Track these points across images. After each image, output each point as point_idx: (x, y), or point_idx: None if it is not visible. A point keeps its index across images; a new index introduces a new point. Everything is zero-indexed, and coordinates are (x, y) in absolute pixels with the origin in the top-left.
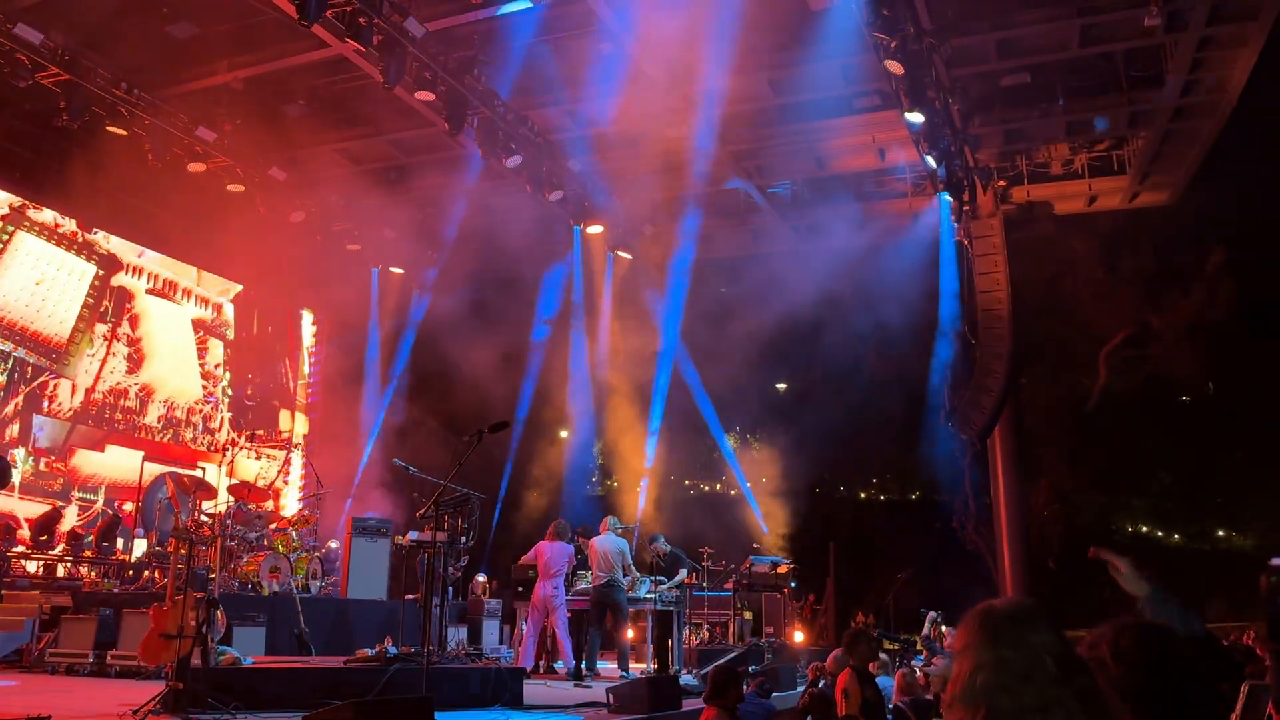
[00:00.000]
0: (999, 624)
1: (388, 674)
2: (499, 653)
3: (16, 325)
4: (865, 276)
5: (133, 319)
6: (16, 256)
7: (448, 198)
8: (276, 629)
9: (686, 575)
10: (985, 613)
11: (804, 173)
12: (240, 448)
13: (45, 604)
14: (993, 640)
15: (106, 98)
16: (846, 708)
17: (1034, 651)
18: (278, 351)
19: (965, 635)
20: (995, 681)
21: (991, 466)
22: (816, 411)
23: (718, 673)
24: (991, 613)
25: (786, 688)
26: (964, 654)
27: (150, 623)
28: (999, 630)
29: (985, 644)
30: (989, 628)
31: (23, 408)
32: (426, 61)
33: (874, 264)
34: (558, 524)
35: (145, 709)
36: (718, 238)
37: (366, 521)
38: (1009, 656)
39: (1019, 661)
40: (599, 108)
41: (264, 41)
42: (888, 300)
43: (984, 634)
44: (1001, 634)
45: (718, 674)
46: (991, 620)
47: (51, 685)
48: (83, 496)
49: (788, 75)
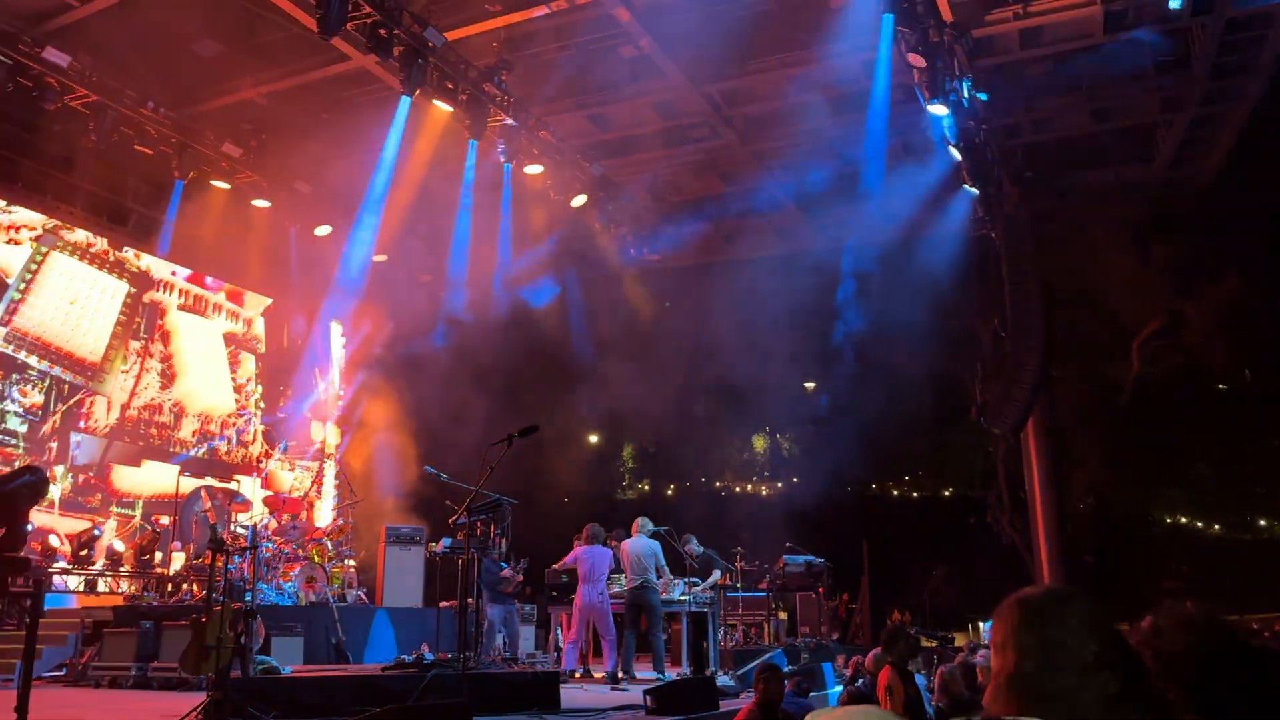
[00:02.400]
0: (1039, 607)
1: (425, 680)
2: (535, 658)
3: (52, 345)
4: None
5: (165, 335)
6: (51, 276)
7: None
8: (313, 638)
9: (720, 576)
10: (1024, 599)
11: (829, 170)
12: (274, 460)
13: (87, 618)
14: (1034, 624)
15: (134, 117)
16: (891, 705)
17: (1078, 631)
18: (308, 363)
19: (1004, 625)
20: (1042, 663)
21: (1025, 460)
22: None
23: (888, 629)
24: (1029, 598)
25: (824, 687)
26: (1006, 644)
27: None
28: (1040, 613)
29: (1028, 630)
30: (1031, 613)
31: (60, 425)
32: (447, 71)
33: (901, 259)
34: (591, 527)
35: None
36: (740, 238)
37: (399, 530)
38: (1055, 637)
39: (1066, 644)
40: (620, 111)
41: (287, 57)
42: (916, 295)
43: (1025, 619)
44: (1043, 617)
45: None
46: (1032, 605)
47: (96, 698)
48: (121, 511)
49: (808, 72)
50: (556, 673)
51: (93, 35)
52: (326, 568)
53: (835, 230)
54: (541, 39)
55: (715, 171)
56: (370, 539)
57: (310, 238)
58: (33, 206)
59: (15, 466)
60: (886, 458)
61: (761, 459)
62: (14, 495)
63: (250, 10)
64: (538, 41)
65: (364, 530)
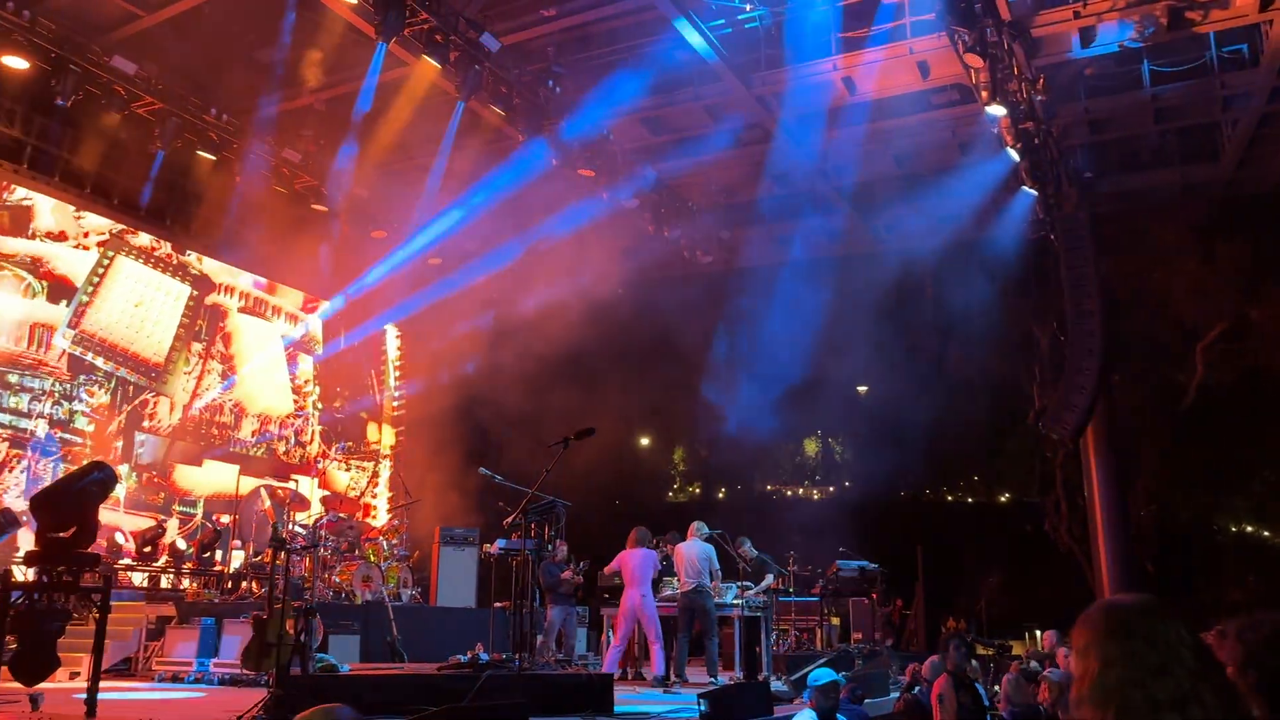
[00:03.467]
0: (1128, 617)
1: (480, 680)
2: (586, 660)
3: (118, 347)
4: (949, 275)
5: (225, 337)
6: (117, 280)
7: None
8: (369, 637)
9: (773, 580)
10: (1111, 607)
11: (881, 172)
12: (331, 459)
13: (151, 614)
14: (1122, 634)
15: (197, 124)
16: (942, 714)
17: (1169, 644)
18: (364, 365)
19: (1089, 632)
20: (1128, 676)
21: (1085, 467)
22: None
23: (944, 636)
24: (1119, 607)
25: (879, 694)
26: (1089, 651)
27: (250, 631)
28: (1129, 624)
29: (1114, 638)
30: (1117, 622)
31: (125, 425)
32: (501, 75)
33: (958, 262)
34: (638, 530)
35: (248, 716)
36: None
37: (453, 531)
38: (1141, 650)
39: (1153, 655)
40: (673, 114)
41: (344, 63)
42: (973, 299)
43: (1112, 628)
44: (1132, 627)
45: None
46: (1120, 614)
47: (158, 693)
48: (183, 510)
49: (863, 74)
50: (611, 675)
51: (158, 44)
52: (382, 567)
53: (890, 232)
54: (594, 43)
55: (769, 174)
56: (424, 539)
57: (367, 241)
58: (99, 211)
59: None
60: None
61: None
62: (85, 493)
63: (308, 17)
64: (590, 45)
65: (418, 531)
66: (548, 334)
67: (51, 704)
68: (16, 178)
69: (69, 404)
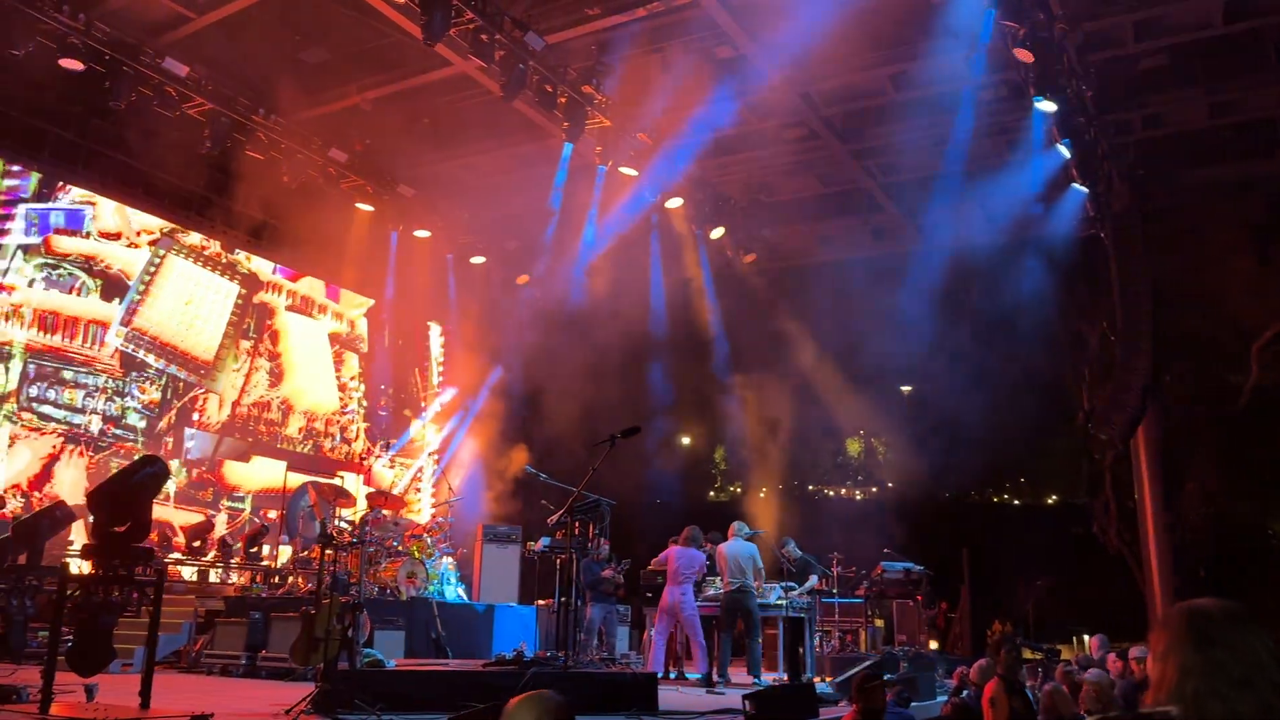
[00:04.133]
0: (1210, 624)
1: (525, 677)
2: (628, 658)
3: (169, 344)
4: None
5: (273, 335)
6: (168, 279)
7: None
8: (414, 633)
9: (817, 581)
10: (1192, 612)
11: (928, 170)
12: (375, 457)
13: (200, 608)
14: (1203, 642)
15: (246, 124)
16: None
17: (1254, 655)
18: (408, 363)
19: (1168, 636)
20: (1207, 688)
21: (1135, 469)
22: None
23: (994, 639)
24: (1200, 612)
25: (925, 697)
26: (1167, 657)
27: (299, 626)
28: (1210, 631)
29: (1194, 646)
30: (1198, 628)
31: (175, 422)
32: (546, 74)
33: (1005, 260)
34: (691, 530)
35: (297, 709)
36: (836, 239)
37: (496, 529)
38: (1223, 660)
39: (1235, 667)
40: (717, 112)
41: (390, 63)
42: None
43: (1192, 635)
44: (1213, 635)
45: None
46: (1201, 620)
47: (208, 684)
48: (231, 505)
49: (909, 70)
50: (655, 674)
51: (208, 45)
52: (426, 564)
53: (936, 230)
54: (638, 41)
55: (811, 172)
56: (467, 537)
57: (412, 240)
58: (151, 211)
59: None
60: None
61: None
62: (139, 487)
63: (355, 18)
64: (635, 44)
65: (461, 528)
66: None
67: (106, 695)
68: (72, 178)
69: (121, 400)
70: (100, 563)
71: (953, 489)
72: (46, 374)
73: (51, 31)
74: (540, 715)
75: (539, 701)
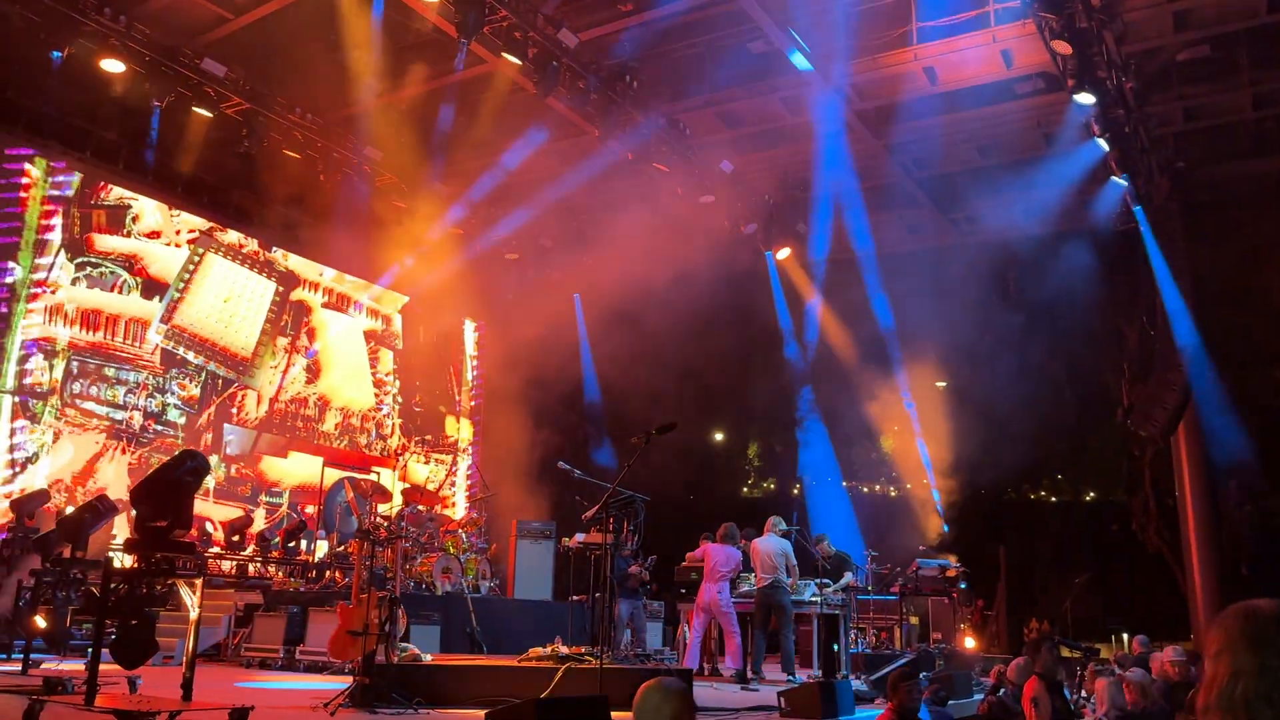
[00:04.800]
0: (1266, 626)
1: (560, 672)
2: (663, 655)
3: (208, 341)
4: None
5: (310, 332)
6: (207, 277)
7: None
8: (449, 627)
9: (851, 578)
10: (1249, 613)
11: (964, 163)
12: (411, 453)
13: (239, 602)
14: (1258, 643)
15: (282, 123)
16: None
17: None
18: (442, 359)
19: (1224, 636)
20: (1258, 691)
21: (1176, 465)
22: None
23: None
24: (1257, 613)
25: (961, 695)
26: (1221, 657)
27: (337, 620)
28: (1266, 633)
29: (1248, 648)
30: (1254, 629)
31: (214, 418)
32: (579, 71)
33: (1040, 254)
34: (728, 526)
35: (335, 702)
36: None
37: (530, 525)
38: (1277, 665)
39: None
40: (749, 107)
41: (425, 61)
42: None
43: (1247, 637)
44: (1269, 637)
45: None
46: (1258, 621)
47: (247, 678)
48: (269, 500)
49: (944, 63)
50: (690, 670)
51: (245, 46)
52: (461, 559)
53: (972, 225)
54: (671, 36)
55: (846, 166)
56: (502, 532)
57: (447, 236)
58: (190, 210)
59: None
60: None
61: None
62: (181, 483)
63: (390, 17)
64: (668, 39)
65: (495, 524)
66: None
67: (149, 686)
68: (113, 178)
69: (161, 396)
70: (142, 556)
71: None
72: (89, 371)
73: (93, 33)
74: (663, 699)
75: (662, 687)
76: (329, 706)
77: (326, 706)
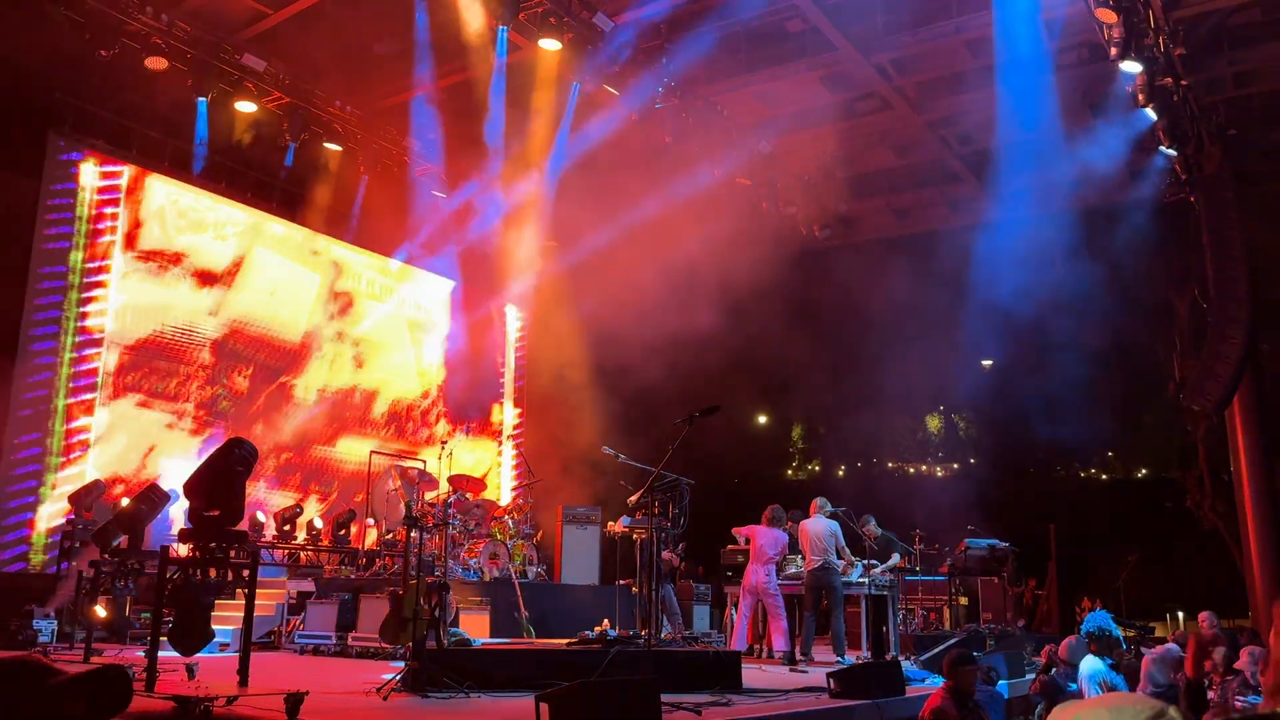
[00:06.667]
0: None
1: (609, 656)
2: (710, 637)
3: (257, 333)
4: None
5: (355, 321)
6: (254, 269)
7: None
8: (498, 613)
9: (899, 559)
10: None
11: (1006, 136)
12: (456, 440)
13: (291, 590)
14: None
15: (323, 116)
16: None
17: None
18: (486, 346)
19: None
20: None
21: (1231, 440)
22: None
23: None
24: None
25: (1014, 675)
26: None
27: (387, 606)
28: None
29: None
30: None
31: (264, 408)
32: (615, 54)
33: (1089, 228)
34: (774, 509)
35: (388, 687)
36: (914, 212)
37: (575, 510)
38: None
39: None
40: (787, 87)
41: (461, 50)
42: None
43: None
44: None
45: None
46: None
47: (301, 664)
48: (319, 489)
49: (985, 37)
50: (738, 652)
51: (284, 40)
52: (509, 545)
53: (1017, 199)
54: (708, 17)
55: (886, 144)
56: (548, 518)
57: (491, 225)
58: (236, 202)
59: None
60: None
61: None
62: (231, 473)
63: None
64: (704, 20)
65: (541, 509)
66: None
67: (206, 673)
68: (160, 173)
69: (212, 388)
70: (197, 546)
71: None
72: (141, 364)
73: (136, 32)
74: None
75: None
76: (381, 691)
77: (379, 691)
